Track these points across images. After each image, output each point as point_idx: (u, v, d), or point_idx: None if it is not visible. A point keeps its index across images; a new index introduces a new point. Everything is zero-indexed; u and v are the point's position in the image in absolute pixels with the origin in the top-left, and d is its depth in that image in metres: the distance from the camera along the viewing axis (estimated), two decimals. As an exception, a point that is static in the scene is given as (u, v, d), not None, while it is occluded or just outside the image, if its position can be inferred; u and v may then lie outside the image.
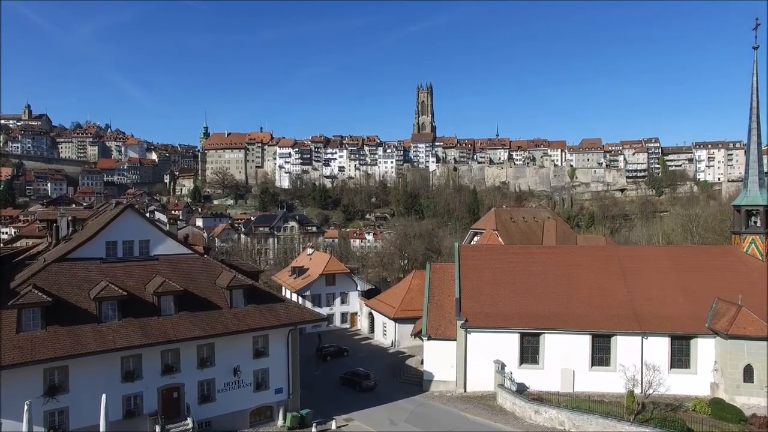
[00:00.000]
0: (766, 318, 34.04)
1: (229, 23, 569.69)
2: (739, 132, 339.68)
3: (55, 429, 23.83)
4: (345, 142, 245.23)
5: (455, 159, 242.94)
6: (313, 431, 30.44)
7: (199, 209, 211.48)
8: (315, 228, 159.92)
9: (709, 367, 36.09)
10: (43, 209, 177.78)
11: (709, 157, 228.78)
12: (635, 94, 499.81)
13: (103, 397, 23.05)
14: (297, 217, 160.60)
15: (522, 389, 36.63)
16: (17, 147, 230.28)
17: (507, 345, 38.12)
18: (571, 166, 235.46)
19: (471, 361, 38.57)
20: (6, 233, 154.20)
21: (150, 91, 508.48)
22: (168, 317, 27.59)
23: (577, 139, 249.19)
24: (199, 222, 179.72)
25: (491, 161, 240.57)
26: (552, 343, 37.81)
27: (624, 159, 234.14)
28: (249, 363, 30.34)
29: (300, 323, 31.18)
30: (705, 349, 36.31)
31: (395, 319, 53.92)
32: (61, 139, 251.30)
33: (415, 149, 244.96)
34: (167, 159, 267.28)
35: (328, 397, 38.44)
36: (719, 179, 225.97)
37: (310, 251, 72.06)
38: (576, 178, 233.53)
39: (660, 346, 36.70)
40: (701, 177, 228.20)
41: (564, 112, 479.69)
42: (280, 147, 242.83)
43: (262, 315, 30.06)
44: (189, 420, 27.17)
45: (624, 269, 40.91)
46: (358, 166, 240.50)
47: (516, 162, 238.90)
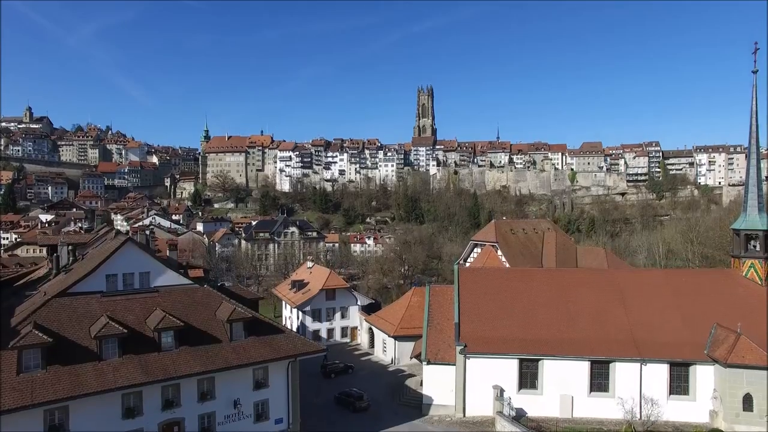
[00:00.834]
0: (765, 346, 34.13)
1: (230, 23, 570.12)
2: (740, 136, 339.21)
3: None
4: (345, 145, 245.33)
5: (456, 162, 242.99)
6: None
7: (200, 213, 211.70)
8: (315, 233, 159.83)
9: (709, 395, 36.16)
10: (44, 213, 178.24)
11: (710, 161, 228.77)
12: (636, 97, 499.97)
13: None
14: (297, 223, 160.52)
15: (521, 414, 36.78)
16: (18, 150, 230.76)
17: (506, 370, 38.22)
18: (572, 169, 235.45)
19: (470, 386, 38.65)
20: (6, 239, 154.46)
21: (151, 92, 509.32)
22: (168, 352, 27.69)
23: (578, 143, 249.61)
24: (200, 226, 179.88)
25: (492, 165, 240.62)
26: (551, 369, 37.89)
27: (625, 163, 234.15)
28: (249, 394, 30.45)
29: (300, 355, 31.25)
30: (704, 376, 36.37)
31: (395, 337, 54.03)
32: (62, 142, 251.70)
33: (416, 152, 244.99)
34: (168, 162, 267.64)
35: (324, 418, 38.68)
36: (720, 183, 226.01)
37: (310, 264, 72.14)
38: (576, 181, 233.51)
39: (659, 372, 36.77)
40: (702, 181, 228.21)
41: (565, 115, 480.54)
42: (280, 150, 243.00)
43: (262, 348, 30.16)
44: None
45: (623, 293, 40.98)
46: (358, 169, 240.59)
47: (516, 165, 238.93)
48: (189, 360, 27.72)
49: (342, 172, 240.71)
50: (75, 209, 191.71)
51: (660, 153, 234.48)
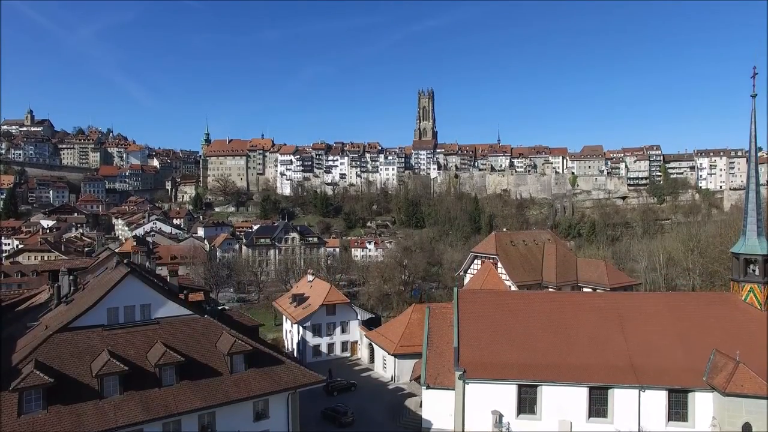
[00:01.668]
0: (765, 375, 34.19)
1: (231, 23, 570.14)
2: (741, 140, 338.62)
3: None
4: (346, 149, 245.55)
5: (456, 166, 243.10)
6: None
7: (201, 217, 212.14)
8: (316, 239, 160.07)
9: (708, 422, 36.21)
10: (45, 219, 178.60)
11: (711, 165, 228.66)
12: (637, 101, 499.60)
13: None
14: (298, 228, 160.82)
15: (520, 440, 36.89)
16: (20, 154, 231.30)
17: (505, 396, 38.31)
18: (573, 173, 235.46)
19: (469, 411, 38.74)
20: (8, 245, 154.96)
21: (152, 92, 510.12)
22: (169, 387, 27.84)
23: (579, 146, 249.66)
24: (201, 231, 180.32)
25: (492, 168, 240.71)
26: (549, 395, 37.98)
27: (625, 166, 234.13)
28: (249, 425, 30.55)
29: (300, 387, 31.42)
30: (703, 403, 36.41)
31: (395, 355, 54.23)
32: (63, 146, 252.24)
33: (417, 156, 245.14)
34: (169, 165, 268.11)
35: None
36: (721, 187, 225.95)
37: (310, 278, 72.28)
38: (577, 185, 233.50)
39: (657, 399, 36.83)
40: (703, 185, 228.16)
41: (566, 118, 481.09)
42: (281, 154, 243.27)
43: (262, 380, 30.32)
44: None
45: (622, 317, 41.03)
46: (359, 173, 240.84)
47: (517, 169, 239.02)
48: (190, 395, 27.88)
49: (343, 175, 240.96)
50: (76, 214, 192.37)
51: (661, 157, 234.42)
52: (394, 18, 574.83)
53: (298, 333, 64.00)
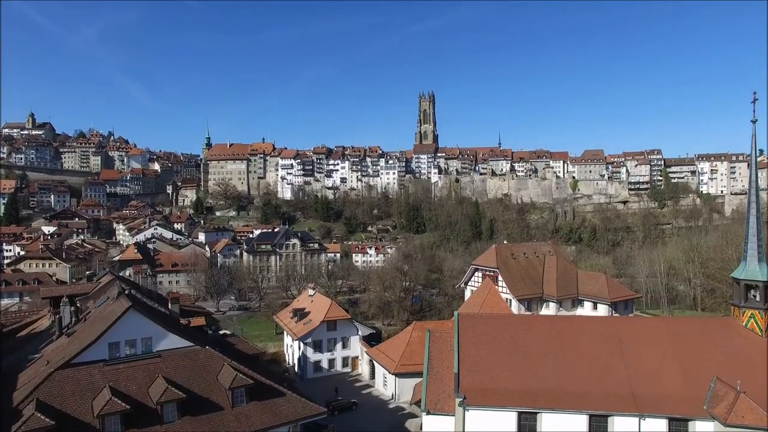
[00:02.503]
0: (766, 405, 34.18)
1: (232, 23, 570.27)
2: (743, 144, 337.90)
3: None
4: (347, 153, 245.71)
5: (457, 170, 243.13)
6: None
7: (202, 222, 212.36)
8: (317, 245, 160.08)
9: (708, 451, 36.24)
10: (47, 224, 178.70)
11: (712, 170, 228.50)
12: (638, 105, 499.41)
13: None
14: (299, 234, 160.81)
15: (520, 468, 36.90)
16: (21, 158, 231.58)
17: (505, 423, 38.29)
18: (574, 177, 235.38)
19: (470, 438, 38.81)
20: (9, 251, 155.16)
21: (152, 93, 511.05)
22: (171, 424, 27.91)
23: (580, 150, 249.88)
24: (201, 236, 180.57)
25: (493, 173, 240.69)
26: (550, 422, 37.96)
27: (626, 171, 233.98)
28: (250, 458, 30.65)
29: (302, 419, 31.49)
30: (703, 432, 36.46)
31: (396, 374, 54.29)
32: (65, 149, 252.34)
33: (417, 160, 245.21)
34: (170, 169, 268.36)
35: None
36: (722, 192, 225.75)
37: (311, 292, 72.37)
38: (578, 190, 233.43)
39: (657, 427, 36.77)
40: (704, 189, 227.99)
41: (566, 122, 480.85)
42: (282, 158, 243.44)
43: (263, 414, 30.37)
44: None
45: (622, 343, 41.00)
46: (360, 177, 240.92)
47: (518, 173, 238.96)
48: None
49: (343, 179, 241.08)
50: (77, 219, 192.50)
51: (662, 161, 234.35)
52: (394, 18, 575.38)
53: (299, 348, 64.08)
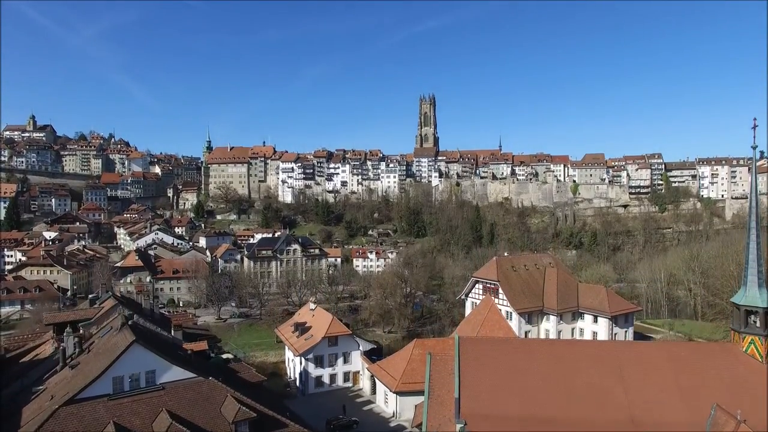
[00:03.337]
0: (764, 435, 34.36)
1: (233, 24, 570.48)
2: (743, 148, 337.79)
3: None
4: (348, 156, 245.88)
5: (458, 174, 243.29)
6: None
7: (203, 225, 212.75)
8: (317, 250, 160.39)
9: (707, 480, 36.43)
10: (48, 229, 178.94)
11: (713, 174, 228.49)
12: (638, 108, 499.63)
13: None
14: (299, 240, 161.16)
15: (521, 495, 37.07)
16: (22, 161, 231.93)
17: (506, 449, 38.57)
18: (574, 181, 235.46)
19: (471, 464, 39.02)
20: (11, 257, 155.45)
21: (153, 93, 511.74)
22: (174, 460, 28.13)
23: (580, 154, 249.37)
24: (202, 241, 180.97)
25: (494, 176, 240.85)
26: (551, 448, 38.22)
27: (627, 175, 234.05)
28: (252, 490, 30.91)
29: (302, 452, 31.75)
30: (703, 460, 36.64)
31: (397, 393, 54.50)
32: (65, 152, 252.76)
33: (418, 164, 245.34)
34: (170, 172, 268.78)
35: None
36: (723, 196, 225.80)
37: (312, 306, 72.60)
38: (579, 193, 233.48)
39: (658, 455, 37.07)
40: (704, 193, 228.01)
41: (567, 126, 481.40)
42: (282, 161, 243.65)
43: (265, 448, 30.62)
44: None
45: (622, 368, 41.17)
46: (360, 180, 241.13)
47: (519, 177, 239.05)
48: (194, 468, 28.17)
49: (344, 183, 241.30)
50: (78, 223, 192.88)
51: (662, 165, 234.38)
52: (394, 18, 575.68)
53: (300, 364, 64.31)
